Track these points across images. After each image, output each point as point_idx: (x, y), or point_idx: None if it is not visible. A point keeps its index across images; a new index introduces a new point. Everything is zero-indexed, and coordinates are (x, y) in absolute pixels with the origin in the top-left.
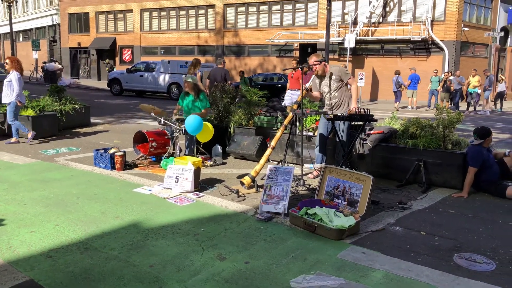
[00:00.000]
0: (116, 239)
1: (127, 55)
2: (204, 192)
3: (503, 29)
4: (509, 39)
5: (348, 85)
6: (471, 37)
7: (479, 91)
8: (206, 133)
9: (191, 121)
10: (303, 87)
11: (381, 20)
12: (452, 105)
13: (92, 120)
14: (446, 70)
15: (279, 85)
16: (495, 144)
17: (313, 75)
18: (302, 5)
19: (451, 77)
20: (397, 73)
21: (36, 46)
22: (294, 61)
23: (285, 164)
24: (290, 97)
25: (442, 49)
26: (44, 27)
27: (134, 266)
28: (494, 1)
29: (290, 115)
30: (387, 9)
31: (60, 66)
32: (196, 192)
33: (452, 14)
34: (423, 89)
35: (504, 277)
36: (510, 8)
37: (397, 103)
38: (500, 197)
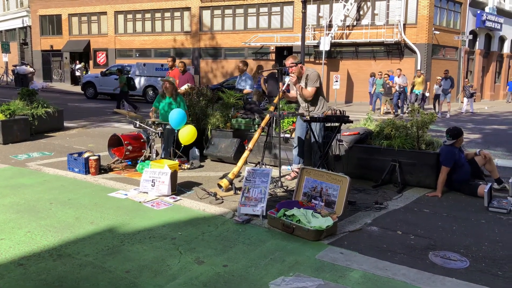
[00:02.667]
0: (91, 245)
1: (101, 58)
2: (181, 196)
3: (472, 32)
4: (477, 42)
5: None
6: (441, 40)
7: (427, 94)
8: (189, 135)
9: (175, 114)
10: (280, 89)
11: (355, 24)
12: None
13: (66, 124)
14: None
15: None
16: (466, 144)
17: (290, 77)
18: (277, 8)
19: (397, 79)
20: (373, 75)
21: (5, 49)
22: (169, 59)
23: (263, 166)
24: None
25: (414, 52)
26: (14, 29)
27: (110, 272)
28: (463, 5)
29: (267, 117)
30: (361, 12)
31: (31, 70)
32: (173, 196)
33: (423, 17)
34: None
35: (478, 274)
36: (478, 12)
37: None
38: (472, 196)
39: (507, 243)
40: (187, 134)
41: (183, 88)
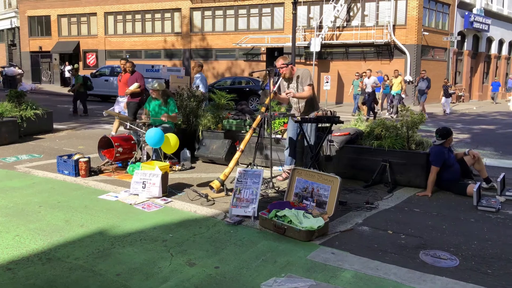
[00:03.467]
0: (81, 248)
1: (91, 59)
2: (172, 198)
3: (460, 33)
4: (465, 43)
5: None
6: (430, 41)
7: (404, 95)
8: (169, 145)
9: (152, 134)
10: (271, 90)
11: (345, 25)
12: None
13: (55, 126)
14: (408, 73)
15: (247, 89)
16: (455, 144)
17: (281, 78)
18: (268, 10)
19: (367, 80)
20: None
21: None
22: (122, 61)
23: (254, 167)
24: (119, 105)
25: (404, 53)
26: (2, 30)
27: (100, 275)
28: (451, 6)
29: (259, 118)
30: (351, 13)
31: (20, 71)
32: (164, 198)
33: (412, 18)
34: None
35: (468, 272)
36: (466, 13)
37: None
38: (462, 195)
39: (496, 242)
40: (166, 145)
41: (132, 87)
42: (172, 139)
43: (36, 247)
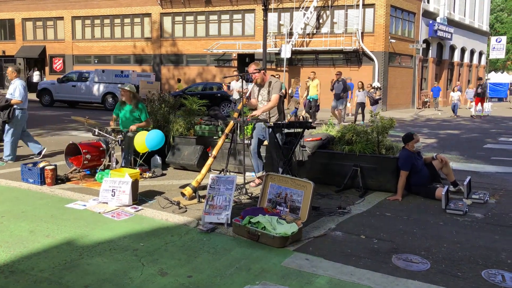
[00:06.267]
0: (47, 260)
1: (58, 64)
2: (143, 205)
3: (425, 41)
4: (430, 51)
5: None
6: (397, 48)
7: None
8: (143, 143)
9: (153, 136)
10: (244, 95)
11: (315, 32)
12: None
13: None
14: (376, 79)
15: (219, 94)
16: (423, 148)
17: (253, 83)
18: (239, 16)
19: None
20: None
21: None
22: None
23: (227, 173)
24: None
25: (372, 60)
26: None
27: None
28: (417, 15)
29: (231, 123)
30: (321, 21)
31: None
32: (135, 206)
33: (380, 26)
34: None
35: (439, 275)
36: (431, 22)
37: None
38: (431, 199)
39: (464, 244)
40: (141, 144)
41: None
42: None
43: None
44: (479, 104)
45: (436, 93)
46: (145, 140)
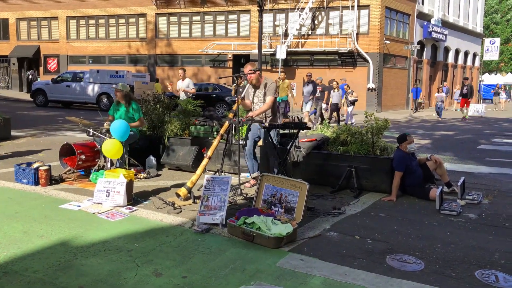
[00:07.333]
0: (41, 260)
1: (52, 65)
2: (138, 206)
3: (420, 42)
4: (424, 52)
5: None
6: (392, 49)
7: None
8: (113, 150)
9: (117, 126)
10: (239, 96)
11: (310, 33)
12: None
13: (13, 133)
14: (371, 80)
15: (214, 95)
16: (417, 149)
17: (248, 84)
18: (234, 16)
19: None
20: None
21: None
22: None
23: (222, 173)
24: None
25: (367, 61)
26: None
27: None
28: (411, 17)
29: (226, 124)
30: (316, 22)
31: None
32: (129, 206)
33: (375, 27)
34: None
35: (433, 276)
36: (425, 23)
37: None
38: (425, 199)
39: (458, 244)
40: (110, 150)
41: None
42: (115, 145)
43: None
44: (465, 105)
45: (416, 94)
46: (111, 130)
